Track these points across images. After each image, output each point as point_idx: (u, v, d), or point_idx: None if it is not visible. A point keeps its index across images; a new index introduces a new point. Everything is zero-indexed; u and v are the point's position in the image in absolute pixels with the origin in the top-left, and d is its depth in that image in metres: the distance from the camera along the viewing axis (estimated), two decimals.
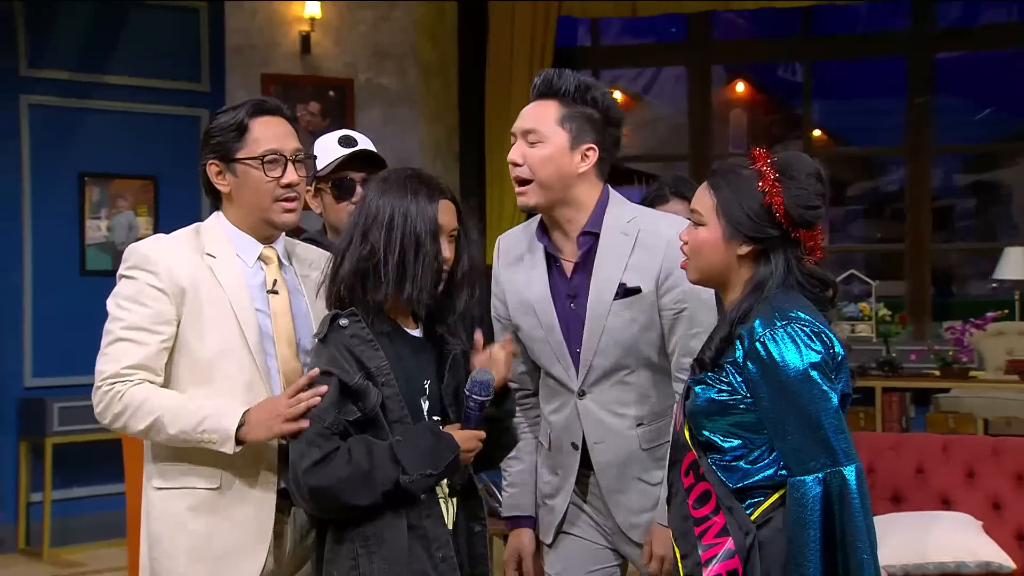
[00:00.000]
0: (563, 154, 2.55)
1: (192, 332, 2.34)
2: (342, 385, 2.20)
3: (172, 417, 2.28)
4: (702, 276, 2.26)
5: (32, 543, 6.31)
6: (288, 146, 2.40)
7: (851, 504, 2.06)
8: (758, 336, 2.11)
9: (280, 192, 2.38)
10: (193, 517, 2.34)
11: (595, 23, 8.94)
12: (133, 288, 2.35)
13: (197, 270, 2.36)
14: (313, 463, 2.16)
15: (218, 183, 2.42)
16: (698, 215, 2.24)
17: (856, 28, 10.14)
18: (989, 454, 4.05)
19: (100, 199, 6.61)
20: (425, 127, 7.98)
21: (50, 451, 6.14)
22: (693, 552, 2.16)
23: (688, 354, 2.48)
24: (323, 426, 2.18)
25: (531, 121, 2.57)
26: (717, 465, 2.17)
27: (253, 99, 2.45)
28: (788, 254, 2.19)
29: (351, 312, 2.26)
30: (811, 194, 2.17)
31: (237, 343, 2.34)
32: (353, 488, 2.15)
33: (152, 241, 2.43)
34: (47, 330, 6.40)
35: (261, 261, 2.43)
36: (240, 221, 2.42)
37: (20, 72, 6.41)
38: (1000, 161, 13.02)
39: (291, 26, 7.52)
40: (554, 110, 2.56)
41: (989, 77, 11.98)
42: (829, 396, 2.10)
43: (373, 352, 2.23)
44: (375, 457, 2.16)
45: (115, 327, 2.35)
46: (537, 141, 2.55)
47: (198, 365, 2.34)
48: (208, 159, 2.41)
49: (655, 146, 13.28)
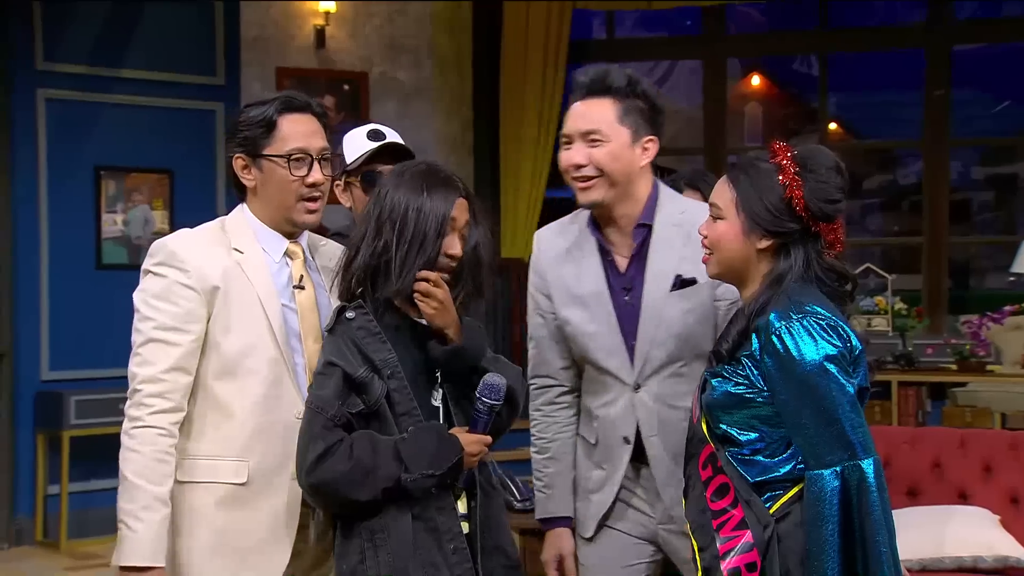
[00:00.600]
0: (626, 150, 2.56)
1: (220, 328, 2.34)
2: (346, 377, 2.20)
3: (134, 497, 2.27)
4: (722, 270, 2.25)
5: (50, 535, 6.35)
6: (315, 145, 2.40)
7: (869, 497, 2.05)
8: (774, 329, 2.10)
9: (304, 191, 2.39)
10: (217, 511, 2.34)
11: (610, 16, 8.92)
12: (162, 285, 2.34)
13: (227, 266, 2.36)
14: (317, 457, 2.17)
15: (244, 177, 2.42)
16: (717, 209, 2.23)
17: (872, 20, 10.10)
18: (1006, 448, 4.04)
19: (116, 193, 6.63)
20: (440, 120, 7.98)
21: (67, 444, 6.16)
22: (711, 545, 2.15)
23: None
24: (326, 418, 2.19)
25: (591, 122, 2.56)
26: (736, 458, 2.16)
27: (284, 94, 2.44)
28: (808, 248, 2.18)
29: (358, 305, 2.27)
30: (831, 188, 2.16)
31: (265, 338, 2.34)
32: (353, 483, 2.16)
33: (180, 237, 2.42)
34: (63, 323, 6.43)
35: (287, 257, 2.43)
36: (265, 216, 2.43)
37: (37, 66, 6.43)
38: (1018, 154, 12.95)
39: (306, 19, 7.52)
40: (611, 108, 2.57)
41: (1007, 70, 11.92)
42: (846, 389, 2.09)
43: (379, 344, 2.23)
44: (379, 454, 2.17)
45: (146, 327, 2.33)
46: (600, 141, 2.55)
47: (224, 360, 2.34)
48: (235, 152, 2.41)
49: (670, 139, 13.24)
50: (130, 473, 2.28)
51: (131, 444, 2.29)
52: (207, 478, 2.35)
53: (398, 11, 7.81)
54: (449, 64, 8.08)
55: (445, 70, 8.06)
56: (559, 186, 10.67)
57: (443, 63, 8.05)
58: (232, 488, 2.34)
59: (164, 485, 2.29)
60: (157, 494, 2.27)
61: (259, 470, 2.34)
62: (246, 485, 2.34)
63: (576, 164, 2.56)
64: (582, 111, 2.59)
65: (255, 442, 2.34)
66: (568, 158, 2.58)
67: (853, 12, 9.61)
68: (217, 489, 2.34)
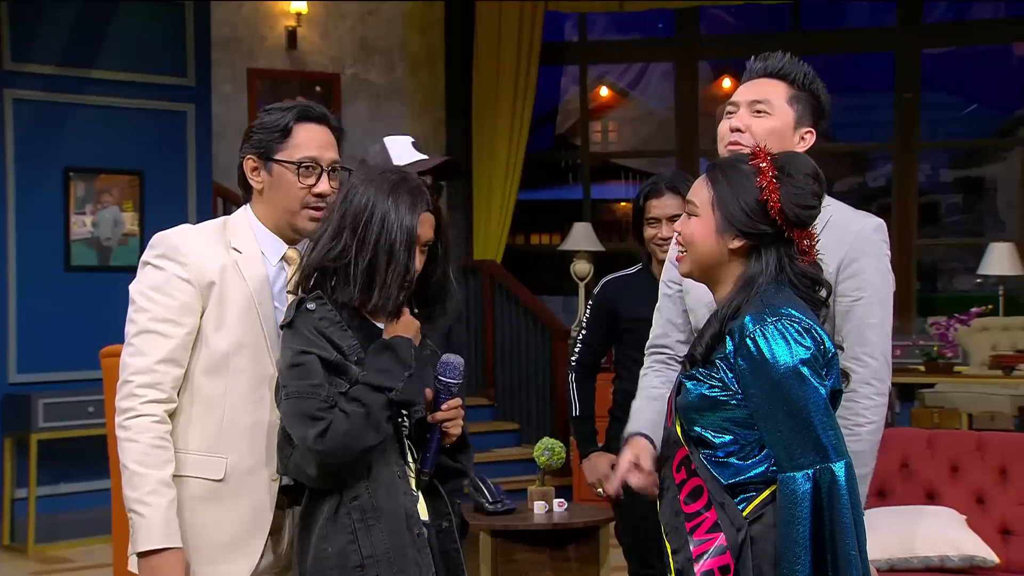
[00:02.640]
0: (787, 131, 2.57)
1: (212, 324, 2.37)
2: (323, 361, 2.21)
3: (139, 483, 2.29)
4: (694, 268, 2.26)
5: (17, 540, 6.28)
6: (327, 156, 2.44)
7: (840, 500, 2.06)
8: (748, 332, 2.11)
9: (310, 200, 2.42)
10: (192, 507, 2.35)
11: (582, 18, 8.94)
12: (160, 278, 2.37)
13: (224, 264, 2.39)
14: (320, 432, 2.18)
15: (252, 178, 2.46)
16: (693, 206, 2.24)
17: (844, 24, 10.17)
18: (973, 449, 4.07)
19: (85, 194, 6.58)
20: (412, 121, 7.97)
21: (35, 447, 6.10)
22: (684, 547, 2.15)
23: (861, 343, 2.49)
24: (320, 399, 2.20)
25: (760, 93, 2.57)
26: (709, 461, 2.17)
27: (303, 103, 2.49)
28: (781, 252, 2.19)
29: (317, 296, 2.27)
30: (807, 193, 2.18)
31: (255, 338, 2.37)
32: (359, 433, 2.17)
33: (181, 231, 2.45)
34: (31, 326, 6.37)
35: (284, 261, 2.46)
36: (267, 219, 2.46)
37: (4, 66, 6.37)
38: (986, 157, 13.07)
39: (277, 20, 7.50)
40: (783, 89, 2.58)
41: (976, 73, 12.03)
42: (819, 392, 2.10)
43: (343, 333, 2.24)
44: (361, 397, 2.19)
45: (141, 317, 2.37)
46: (765, 112, 2.56)
47: (213, 356, 2.36)
48: (247, 153, 2.45)
49: (642, 142, 13.29)
50: (131, 462, 2.30)
51: (127, 435, 2.31)
52: (185, 472, 2.36)
53: (370, 12, 7.80)
54: (421, 65, 8.07)
55: (417, 71, 8.06)
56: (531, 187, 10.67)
57: (415, 64, 8.04)
58: (208, 484, 2.35)
59: (165, 470, 2.31)
60: (160, 478, 2.30)
61: (237, 468, 2.35)
62: (223, 482, 2.35)
63: (734, 128, 2.56)
64: (753, 85, 2.60)
65: (235, 440, 2.35)
66: (728, 123, 2.57)
67: (825, 15, 9.68)
68: (194, 484, 2.35)
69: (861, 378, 2.47)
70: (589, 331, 3.78)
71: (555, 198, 11.50)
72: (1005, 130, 12.01)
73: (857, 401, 2.45)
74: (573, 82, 10.63)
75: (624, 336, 3.68)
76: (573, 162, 11.29)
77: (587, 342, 3.78)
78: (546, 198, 11.51)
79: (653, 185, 3.65)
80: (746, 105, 2.57)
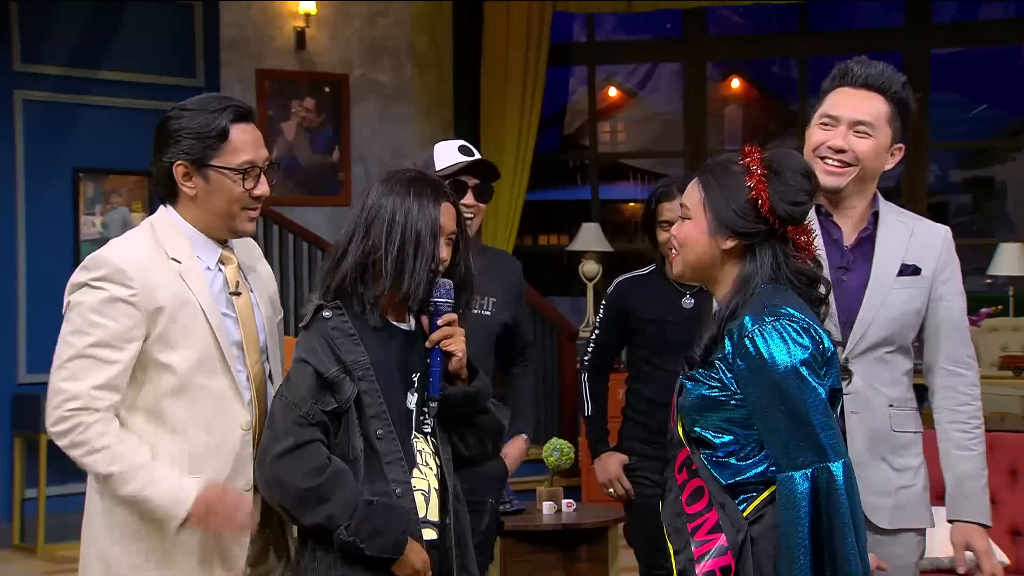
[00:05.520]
0: (884, 150, 2.62)
1: (164, 346, 2.28)
2: (317, 375, 2.21)
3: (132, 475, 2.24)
4: (688, 270, 2.27)
5: (27, 540, 6.30)
6: (261, 156, 2.36)
7: (838, 499, 2.06)
8: (747, 332, 2.11)
9: (249, 202, 2.36)
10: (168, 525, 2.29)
11: (590, 18, 8.93)
12: (101, 300, 2.26)
13: (170, 281, 2.30)
14: (284, 450, 2.18)
15: (183, 184, 2.35)
16: (686, 209, 2.26)
17: (852, 24, 10.16)
18: None
19: (94, 195, 6.59)
20: (420, 122, 7.97)
21: (45, 447, 6.12)
22: (686, 548, 2.16)
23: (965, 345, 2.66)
24: (299, 414, 2.19)
25: (866, 113, 2.59)
26: (710, 461, 2.17)
27: (231, 103, 2.37)
28: (776, 250, 2.19)
29: (335, 305, 2.27)
30: (797, 190, 2.18)
31: (212, 352, 2.30)
32: (303, 501, 2.18)
33: (120, 249, 2.34)
34: (41, 326, 6.38)
35: (221, 263, 2.39)
36: (199, 222, 2.37)
37: (14, 67, 6.39)
38: (995, 157, 13.03)
39: (286, 21, 7.51)
40: (884, 107, 2.61)
41: (984, 73, 12.00)
42: (818, 392, 2.10)
43: (352, 346, 2.24)
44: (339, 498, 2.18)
45: (79, 341, 2.26)
46: (868, 134, 2.59)
47: (172, 378, 2.29)
48: (176, 159, 2.35)
49: (650, 142, 13.28)
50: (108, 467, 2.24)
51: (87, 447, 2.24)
52: None
53: (378, 12, 7.80)
54: (429, 66, 8.07)
55: (425, 72, 8.06)
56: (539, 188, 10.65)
57: (423, 65, 8.04)
58: None
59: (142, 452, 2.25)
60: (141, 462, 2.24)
61: (217, 469, 2.31)
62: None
63: (838, 148, 2.59)
64: (856, 100, 2.60)
65: (206, 459, 2.30)
66: (829, 139, 2.59)
67: (833, 15, 9.66)
68: None
69: (971, 380, 2.64)
70: (602, 331, 3.78)
71: (563, 199, 11.50)
72: (1014, 130, 11.97)
73: (971, 404, 2.64)
74: (581, 82, 10.62)
75: (636, 337, 3.68)
76: (581, 162, 11.29)
77: (600, 342, 3.78)
78: (554, 199, 11.50)
79: (665, 188, 3.66)
80: (848, 123, 2.59)
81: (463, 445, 2.38)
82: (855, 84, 2.61)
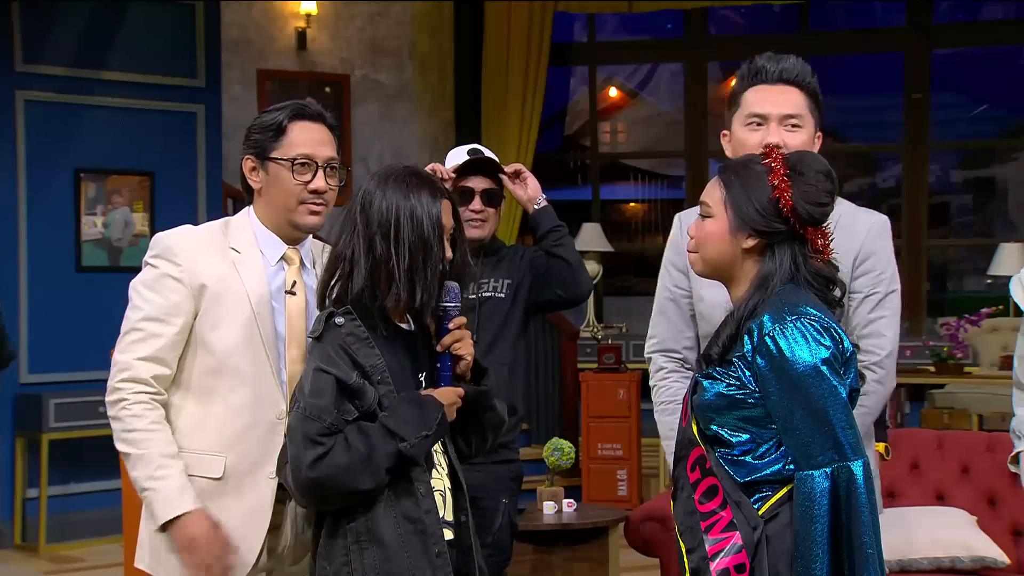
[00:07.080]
0: (811, 141, 2.60)
1: (208, 325, 2.39)
2: (340, 384, 2.20)
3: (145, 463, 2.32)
4: (707, 268, 2.27)
5: (28, 539, 6.31)
6: (322, 153, 2.44)
7: (858, 499, 2.06)
8: (768, 331, 2.11)
9: (307, 196, 2.44)
10: None
11: (591, 19, 8.94)
12: (153, 276, 2.41)
13: (220, 264, 2.41)
14: (316, 458, 2.16)
15: (251, 179, 2.48)
16: (706, 207, 2.25)
17: (853, 24, 10.15)
18: (983, 449, 4.07)
19: (96, 195, 6.60)
20: (421, 122, 7.98)
21: (46, 447, 6.13)
22: (700, 547, 2.15)
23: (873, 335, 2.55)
24: (323, 425, 2.18)
25: (793, 107, 2.58)
26: (725, 459, 2.17)
27: (296, 102, 2.50)
28: (795, 251, 2.19)
29: (347, 311, 2.26)
30: (820, 191, 2.18)
31: (252, 339, 2.38)
32: (355, 472, 2.16)
33: (179, 232, 2.48)
34: (43, 326, 6.40)
35: (284, 261, 2.47)
36: (267, 219, 2.48)
37: (16, 68, 6.39)
38: (996, 157, 13.03)
39: (287, 21, 7.52)
40: (803, 98, 2.59)
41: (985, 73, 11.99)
42: (838, 391, 2.10)
43: (368, 350, 2.23)
44: (372, 437, 2.18)
45: (134, 315, 2.41)
46: (799, 127, 2.58)
47: (211, 357, 2.39)
48: (245, 154, 2.48)
49: (650, 142, 13.28)
50: (131, 447, 2.33)
51: (121, 425, 2.35)
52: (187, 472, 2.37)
53: (379, 13, 7.81)
54: (430, 66, 8.08)
55: (427, 71, 8.07)
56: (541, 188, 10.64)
57: (424, 65, 8.05)
58: (207, 482, 2.37)
59: (168, 447, 2.34)
60: (164, 452, 2.33)
61: (235, 467, 2.37)
62: (221, 480, 2.37)
63: (774, 145, 2.51)
64: (778, 96, 2.58)
65: (235, 439, 2.37)
66: (764, 138, 2.55)
67: (834, 15, 9.66)
68: (193, 482, 2.36)
69: (865, 364, 2.48)
70: None
71: (564, 199, 11.49)
72: (1016, 130, 11.96)
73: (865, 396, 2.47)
74: (582, 83, 10.62)
75: None
76: (582, 163, 11.29)
77: None
78: (555, 198, 11.40)
79: None
80: (778, 120, 2.57)
81: (464, 442, 2.39)
82: (771, 80, 2.59)
